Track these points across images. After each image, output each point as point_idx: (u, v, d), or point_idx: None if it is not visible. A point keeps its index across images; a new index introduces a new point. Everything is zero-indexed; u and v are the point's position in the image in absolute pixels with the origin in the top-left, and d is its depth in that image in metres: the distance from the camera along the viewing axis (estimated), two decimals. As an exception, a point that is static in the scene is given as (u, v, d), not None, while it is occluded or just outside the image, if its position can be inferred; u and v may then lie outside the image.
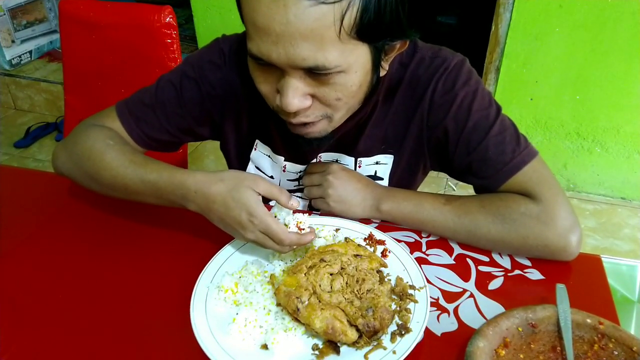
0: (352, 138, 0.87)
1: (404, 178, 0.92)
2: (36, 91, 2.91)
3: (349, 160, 0.90)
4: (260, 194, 0.70)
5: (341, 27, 0.60)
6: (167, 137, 0.91)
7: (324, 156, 0.92)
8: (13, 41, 2.93)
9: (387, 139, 0.87)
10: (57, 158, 0.88)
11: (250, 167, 0.97)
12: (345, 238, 0.80)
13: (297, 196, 0.98)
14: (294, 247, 0.71)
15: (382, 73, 0.74)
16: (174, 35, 1.29)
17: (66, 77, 1.46)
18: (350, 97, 0.70)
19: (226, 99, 0.88)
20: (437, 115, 0.81)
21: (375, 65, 0.70)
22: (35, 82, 2.89)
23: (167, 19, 1.27)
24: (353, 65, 0.66)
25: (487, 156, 0.79)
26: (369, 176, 0.90)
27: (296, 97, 0.66)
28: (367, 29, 0.62)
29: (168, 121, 0.88)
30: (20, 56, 2.98)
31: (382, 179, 0.91)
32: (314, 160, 0.92)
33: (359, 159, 0.90)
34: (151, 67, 1.32)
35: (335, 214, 0.85)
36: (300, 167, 0.93)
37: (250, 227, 0.69)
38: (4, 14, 2.83)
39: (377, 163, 0.90)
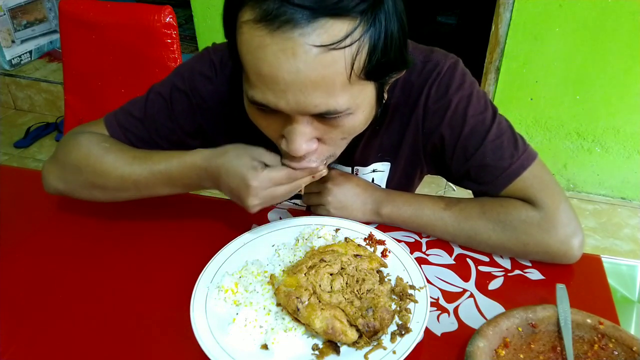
0: (348, 148, 0.85)
1: (401, 184, 0.91)
2: (36, 91, 2.91)
3: (345, 170, 0.90)
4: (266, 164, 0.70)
5: (352, 71, 0.59)
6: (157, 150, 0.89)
7: None
8: (13, 41, 2.93)
9: (384, 147, 0.86)
10: (48, 175, 0.84)
11: None
12: (345, 238, 0.80)
13: (296, 203, 0.97)
14: (310, 180, 0.72)
15: (383, 101, 0.72)
16: (174, 35, 1.29)
17: (66, 77, 1.46)
18: (354, 134, 0.70)
19: (218, 112, 0.85)
20: (432, 122, 0.80)
21: (379, 98, 0.69)
22: (35, 82, 2.89)
23: (167, 19, 1.27)
24: (361, 105, 0.65)
25: (485, 162, 0.77)
26: None
27: (304, 142, 0.65)
28: (376, 69, 0.61)
29: (158, 134, 0.86)
30: (20, 56, 2.98)
31: (379, 186, 0.91)
32: None
33: (355, 168, 0.89)
34: (151, 67, 1.32)
35: None
36: None
37: (252, 192, 0.69)
38: (4, 14, 2.83)
39: (374, 171, 0.90)
